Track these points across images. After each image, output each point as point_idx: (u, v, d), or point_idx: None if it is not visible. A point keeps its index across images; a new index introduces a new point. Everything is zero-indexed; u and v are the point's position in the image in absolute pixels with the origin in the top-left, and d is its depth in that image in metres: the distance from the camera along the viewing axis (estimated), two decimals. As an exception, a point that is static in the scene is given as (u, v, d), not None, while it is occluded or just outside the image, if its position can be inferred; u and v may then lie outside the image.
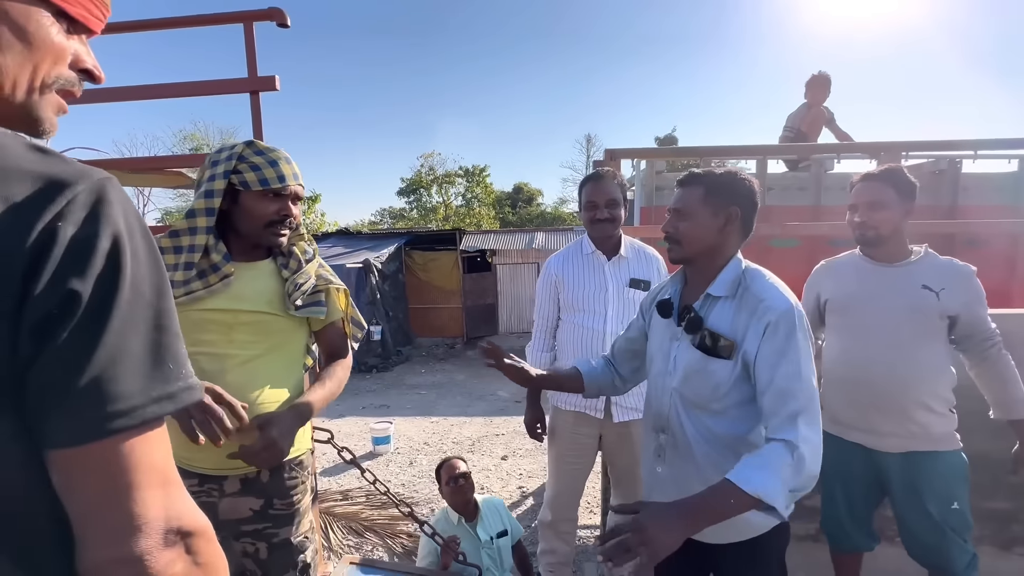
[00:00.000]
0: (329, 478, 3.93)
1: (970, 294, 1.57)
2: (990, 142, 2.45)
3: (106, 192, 0.46)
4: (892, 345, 1.58)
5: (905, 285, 1.59)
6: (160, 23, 2.06)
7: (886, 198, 1.56)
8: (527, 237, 12.72)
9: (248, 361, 1.22)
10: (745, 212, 1.21)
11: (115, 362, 0.44)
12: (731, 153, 2.84)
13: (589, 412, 1.97)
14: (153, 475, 0.47)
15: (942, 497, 1.58)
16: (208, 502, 1.22)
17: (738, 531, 1.21)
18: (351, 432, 5.29)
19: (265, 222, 1.21)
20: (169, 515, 0.47)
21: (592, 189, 1.91)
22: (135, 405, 0.46)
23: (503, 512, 2.26)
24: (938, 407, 1.58)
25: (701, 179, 1.22)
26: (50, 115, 0.53)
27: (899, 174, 1.58)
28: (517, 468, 4.23)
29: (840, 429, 1.71)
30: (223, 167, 1.18)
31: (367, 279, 9.19)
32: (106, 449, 0.44)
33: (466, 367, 9.07)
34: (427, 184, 29.81)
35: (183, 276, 1.15)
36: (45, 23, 0.50)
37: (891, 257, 1.63)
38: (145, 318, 0.47)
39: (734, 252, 1.24)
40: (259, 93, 1.85)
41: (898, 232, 1.61)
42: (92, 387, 0.43)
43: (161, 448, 0.49)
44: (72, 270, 0.42)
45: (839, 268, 1.76)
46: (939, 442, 1.59)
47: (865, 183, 1.61)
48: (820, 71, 4.17)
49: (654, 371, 1.33)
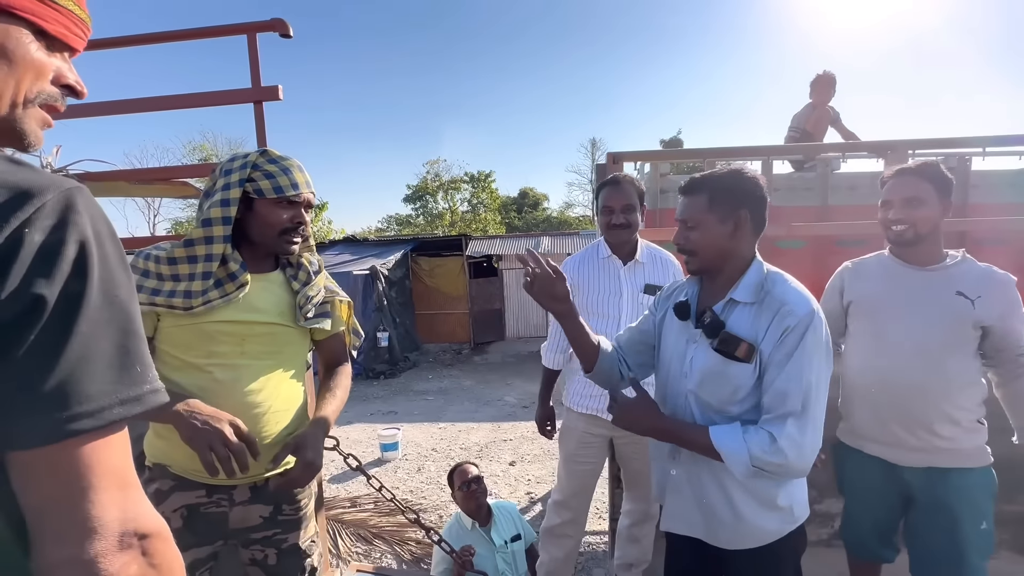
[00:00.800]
0: (337, 485, 3.94)
1: (1006, 305, 1.45)
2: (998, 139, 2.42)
3: (74, 200, 0.47)
4: (919, 354, 1.47)
5: (939, 291, 1.47)
6: (166, 36, 2.10)
7: (924, 194, 1.44)
8: (533, 242, 12.73)
9: (261, 371, 1.23)
10: (755, 212, 1.18)
11: (82, 364, 0.45)
12: (736, 154, 2.83)
13: (601, 415, 1.96)
14: (112, 477, 0.48)
15: (972, 516, 1.47)
16: (218, 512, 1.23)
17: (754, 538, 1.19)
18: (359, 439, 5.30)
19: (279, 230, 1.22)
20: (126, 517, 0.48)
21: (609, 194, 1.91)
22: (101, 406, 0.46)
23: (516, 516, 2.25)
24: (966, 421, 1.47)
25: (703, 185, 1.19)
26: (34, 128, 0.55)
27: (936, 169, 1.47)
28: (525, 474, 4.21)
29: (859, 442, 1.62)
30: (237, 175, 1.18)
31: (374, 286, 9.22)
32: (68, 450, 0.45)
33: (473, 372, 9.07)
34: (433, 190, 29.94)
35: (201, 286, 1.15)
36: (24, 40, 0.52)
37: (925, 260, 1.51)
38: (113, 322, 0.48)
39: (751, 252, 1.22)
40: (263, 103, 1.87)
41: (936, 232, 1.49)
42: (57, 389, 0.44)
43: (122, 451, 0.50)
44: (38, 275, 0.43)
45: (866, 269, 1.64)
46: (968, 458, 1.48)
47: (900, 178, 1.49)
48: (825, 71, 4.14)
49: (669, 373, 1.30)
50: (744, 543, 1.20)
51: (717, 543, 1.23)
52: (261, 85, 1.87)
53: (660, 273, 1.97)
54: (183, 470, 1.20)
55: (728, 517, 1.19)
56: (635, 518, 2.14)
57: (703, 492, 1.22)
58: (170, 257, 1.17)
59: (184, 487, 1.20)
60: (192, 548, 1.21)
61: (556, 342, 2.10)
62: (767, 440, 1.08)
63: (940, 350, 1.46)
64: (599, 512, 3.20)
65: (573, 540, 2.15)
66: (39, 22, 0.53)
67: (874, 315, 1.57)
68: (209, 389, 1.16)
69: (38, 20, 0.53)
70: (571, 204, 33.30)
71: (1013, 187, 3.42)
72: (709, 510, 1.21)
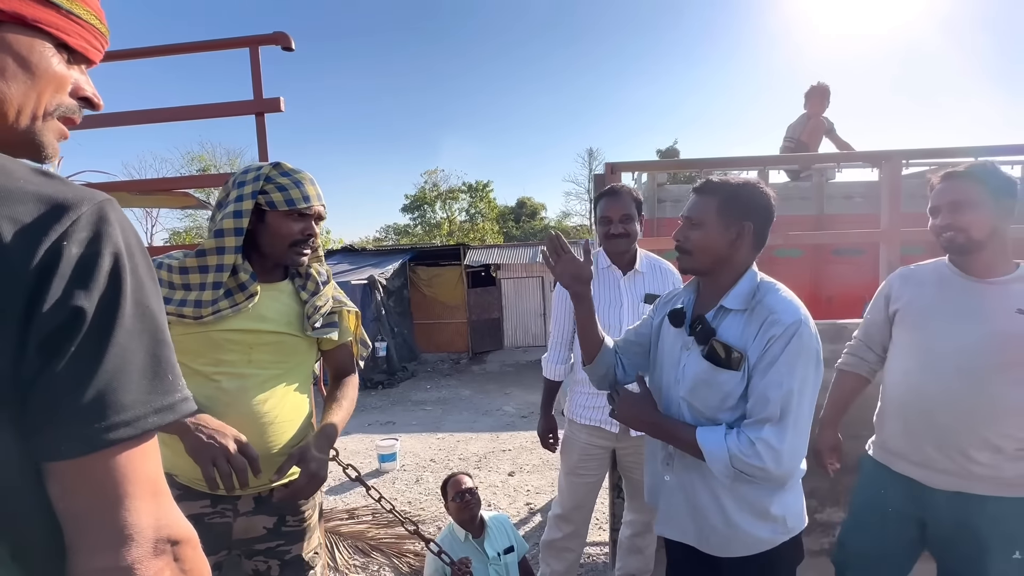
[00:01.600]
0: (335, 496, 3.90)
1: None
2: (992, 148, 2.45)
3: (107, 213, 0.48)
4: (964, 373, 1.33)
5: (996, 306, 1.32)
6: (170, 49, 2.12)
7: (973, 196, 1.31)
8: (531, 251, 12.75)
9: (267, 381, 1.23)
10: (759, 227, 1.19)
11: (118, 375, 0.46)
12: (732, 164, 2.85)
13: (604, 426, 1.96)
14: (146, 485, 0.49)
15: (1006, 546, 1.33)
16: (222, 522, 1.22)
17: (745, 546, 1.19)
18: (357, 449, 5.26)
19: (290, 241, 1.23)
20: (159, 524, 0.49)
21: (607, 204, 1.92)
22: (137, 415, 0.47)
23: (509, 528, 2.23)
24: (1012, 448, 1.32)
25: (717, 189, 1.20)
26: (52, 141, 0.56)
27: (987, 168, 1.35)
28: (524, 484, 4.18)
29: (888, 458, 1.51)
30: (251, 187, 1.20)
31: (372, 295, 9.22)
32: (106, 459, 0.46)
33: (472, 382, 9.04)
34: (431, 200, 30.07)
35: (211, 295, 1.17)
36: (47, 54, 0.53)
37: (986, 270, 1.36)
38: (145, 332, 0.49)
39: (747, 264, 1.22)
40: (264, 115, 1.89)
41: (997, 237, 1.33)
42: (96, 399, 0.45)
43: (154, 458, 0.51)
44: (77, 288, 0.44)
45: (919, 275, 1.50)
46: (1009, 487, 1.33)
47: (947, 183, 1.37)
48: (819, 82, 4.20)
49: (663, 380, 1.32)
50: (736, 551, 1.20)
51: (709, 550, 1.23)
52: (263, 97, 1.89)
53: (660, 283, 1.98)
54: (188, 480, 1.19)
55: (720, 524, 1.19)
56: (637, 528, 2.13)
57: (695, 498, 1.22)
58: (182, 266, 1.18)
59: (189, 497, 1.19)
60: None
61: (557, 353, 2.09)
62: (746, 443, 1.10)
63: (989, 371, 1.31)
64: (600, 523, 3.17)
65: (574, 553, 2.14)
66: (62, 36, 0.53)
67: (920, 326, 1.44)
68: (215, 398, 1.16)
69: (61, 34, 0.53)
70: (568, 213, 33.48)
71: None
72: (701, 517, 1.22)
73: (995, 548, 1.33)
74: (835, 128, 4.22)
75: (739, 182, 1.21)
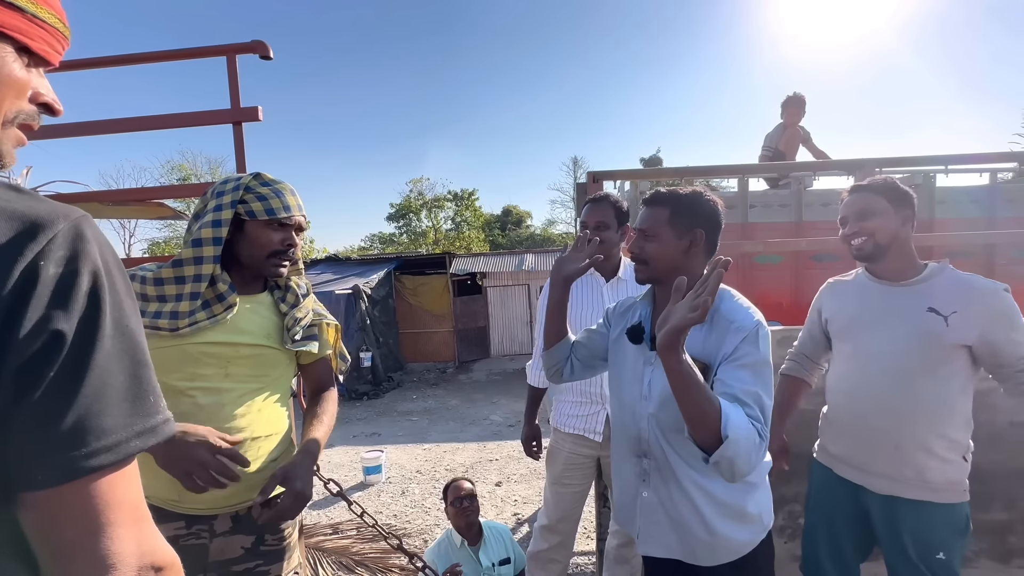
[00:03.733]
0: (318, 511, 3.82)
1: (991, 316, 1.33)
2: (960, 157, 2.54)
3: (83, 230, 0.46)
4: (888, 375, 1.39)
5: (909, 307, 1.39)
6: (146, 57, 2.08)
7: (876, 206, 1.42)
8: (517, 259, 12.78)
9: (245, 395, 1.20)
10: (709, 234, 1.23)
11: (99, 398, 0.44)
12: (713, 173, 2.90)
13: (589, 435, 1.96)
14: (128, 511, 0.47)
15: (925, 546, 1.40)
16: (198, 544, 1.18)
17: (729, 551, 1.20)
18: (341, 462, 5.17)
19: (269, 252, 1.22)
20: (143, 551, 0.47)
21: (586, 211, 1.95)
22: (119, 440, 0.46)
23: (508, 540, 2.21)
24: (942, 451, 1.37)
25: (667, 200, 1.24)
26: (10, 149, 0.54)
27: (888, 183, 1.45)
28: (512, 494, 4.15)
29: (831, 461, 1.58)
30: (230, 197, 1.19)
31: (357, 305, 9.12)
32: (86, 486, 0.44)
33: (458, 392, 8.97)
34: (416, 209, 29.99)
35: (188, 306, 1.14)
36: (8, 59, 0.50)
37: (897, 274, 1.44)
38: (125, 352, 0.47)
39: (701, 272, 1.24)
40: (243, 124, 1.87)
41: (900, 243, 1.42)
42: (76, 425, 0.43)
43: (135, 483, 0.49)
44: (56, 310, 0.43)
45: (843, 288, 1.59)
46: (935, 492, 1.38)
47: (853, 195, 1.48)
48: (795, 92, 4.30)
49: (627, 396, 1.31)
50: (720, 558, 1.20)
51: (695, 561, 1.22)
52: (240, 106, 1.87)
53: (642, 290, 1.99)
54: (162, 501, 1.15)
55: (702, 534, 1.19)
56: (623, 539, 2.12)
57: (675, 512, 1.22)
58: (157, 278, 1.15)
59: (163, 519, 1.15)
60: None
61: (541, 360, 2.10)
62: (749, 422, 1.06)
63: (913, 372, 1.37)
64: (586, 532, 3.16)
65: (561, 564, 2.12)
66: (25, 40, 0.51)
67: (849, 333, 1.52)
68: (190, 414, 1.12)
69: (23, 38, 0.50)
70: (554, 221, 33.63)
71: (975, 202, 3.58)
72: (684, 529, 1.21)
73: (921, 550, 1.40)
74: (811, 137, 4.32)
75: (687, 192, 1.24)
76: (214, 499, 1.16)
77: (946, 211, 3.51)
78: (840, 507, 1.55)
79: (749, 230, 3.78)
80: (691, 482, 1.19)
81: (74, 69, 2.15)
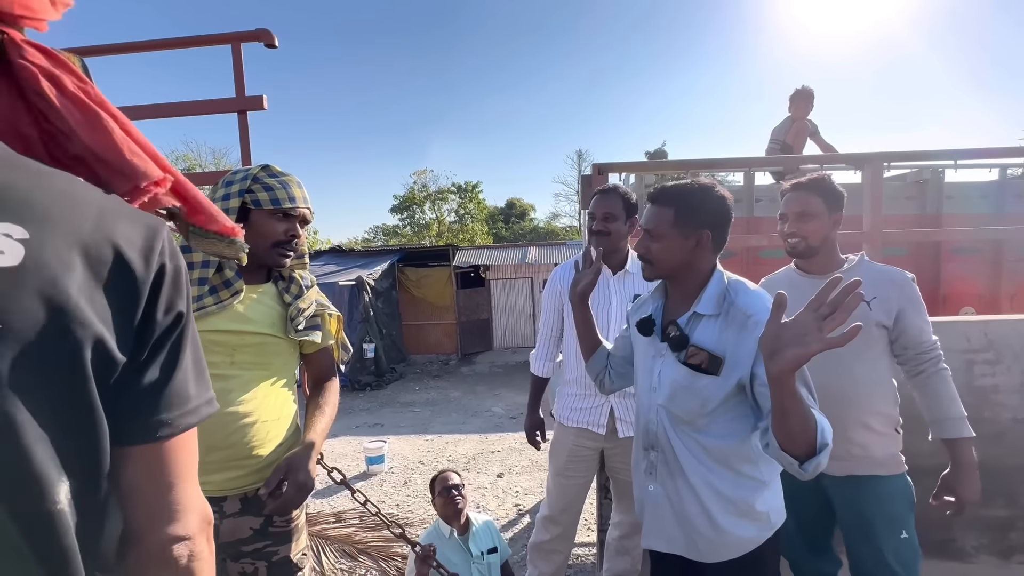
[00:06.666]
0: (321, 500, 3.86)
1: (903, 303, 1.48)
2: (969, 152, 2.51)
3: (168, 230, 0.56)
4: (827, 360, 1.30)
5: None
6: (150, 45, 2.08)
7: (814, 208, 1.53)
8: (520, 252, 12.76)
9: (250, 382, 1.23)
10: (717, 232, 1.21)
11: (187, 370, 0.55)
12: (718, 166, 2.88)
13: (592, 428, 1.97)
14: (193, 469, 0.57)
15: (890, 526, 1.48)
16: None
17: (734, 548, 1.19)
18: (344, 452, 5.21)
19: (273, 241, 1.24)
20: (203, 503, 0.58)
21: (595, 202, 1.95)
22: (197, 406, 0.56)
23: (494, 532, 2.25)
24: (879, 426, 1.50)
25: (672, 200, 1.21)
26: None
27: (826, 183, 1.55)
28: (513, 485, 4.17)
29: None
30: (238, 186, 1.23)
31: (360, 296, 9.15)
32: (176, 443, 0.54)
33: (461, 383, 9.01)
34: (420, 201, 29.94)
35: (196, 291, 1.17)
36: None
37: (822, 268, 1.58)
38: (194, 334, 0.57)
39: (711, 266, 1.24)
40: (247, 113, 1.86)
41: (828, 242, 1.57)
42: (177, 391, 0.54)
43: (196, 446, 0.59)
44: (177, 296, 0.54)
45: (774, 284, 1.71)
46: (881, 465, 1.50)
47: (793, 193, 1.57)
48: (804, 85, 4.26)
49: (640, 388, 1.31)
50: (725, 554, 1.19)
51: (698, 557, 1.22)
52: (245, 95, 1.86)
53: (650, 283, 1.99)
54: None
55: (707, 529, 1.18)
56: (625, 530, 2.13)
57: (681, 506, 1.21)
58: None
59: None
60: None
61: (545, 350, 2.11)
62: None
63: (845, 355, 1.45)
64: (587, 523, 3.18)
65: (562, 555, 2.13)
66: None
67: None
68: None
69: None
70: (558, 214, 33.56)
71: (985, 198, 3.54)
72: (688, 524, 1.21)
73: (887, 528, 1.49)
74: (819, 130, 4.28)
75: (693, 189, 1.20)
76: (224, 481, 1.19)
77: (954, 206, 3.48)
78: (803, 495, 1.58)
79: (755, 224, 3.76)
80: (698, 477, 1.18)
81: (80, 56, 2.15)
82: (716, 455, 1.18)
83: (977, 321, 2.09)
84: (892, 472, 1.50)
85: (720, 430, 1.17)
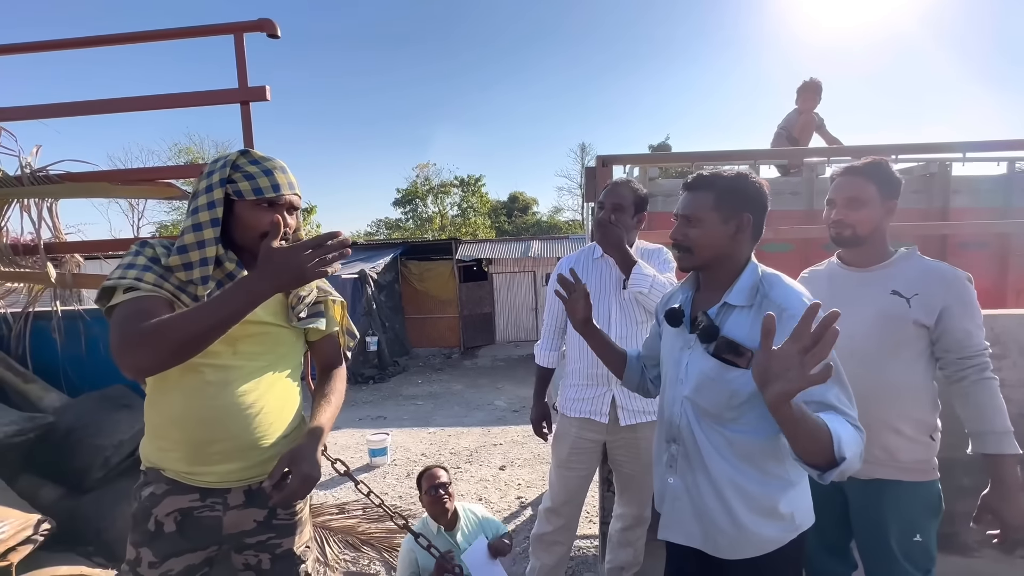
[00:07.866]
0: (325, 491, 3.88)
1: (949, 302, 1.35)
2: (977, 144, 2.48)
3: None
4: (859, 359, 1.37)
5: (875, 290, 1.42)
6: (151, 35, 2.07)
7: (866, 195, 1.41)
8: (523, 246, 12.74)
9: (253, 372, 1.21)
10: (756, 218, 1.17)
11: None
12: (723, 158, 2.85)
13: (594, 417, 1.96)
14: None
15: (903, 528, 1.41)
16: (212, 516, 1.20)
17: (753, 546, 1.15)
18: (347, 444, 5.24)
19: (260, 232, 1.19)
20: None
21: (605, 193, 1.95)
22: None
23: (481, 518, 2.25)
24: (910, 431, 1.40)
25: (711, 184, 1.16)
26: None
27: (883, 168, 1.43)
28: (515, 478, 4.19)
29: None
30: (218, 175, 1.17)
31: (363, 290, 9.16)
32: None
33: (463, 377, 9.03)
34: (423, 194, 29.88)
35: (203, 291, 1.15)
36: None
37: (866, 261, 1.48)
38: None
39: (747, 256, 1.20)
40: (250, 104, 1.85)
41: (878, 233, 1.45)
42: None
43: None
44: None
45: (815, 277, 1.61)
46: (906, 471, 1.41)
47: (845, 177, 1.46)
48: (811, 78, 4.21)
49: (666, 380, 1.28)
50: (743, 552, 1.15)
51: (717, 552, 1.18)
52: (248, 86, 1.85)
53: (653, 266, 1.98)
54: (176, 474, 1.18)
55: (727, 525, 1.15)
56: (627, 522, 2.14)
57: (701, 500, 1.18)
58: (166, 267, 1.15)
59: (178, 491, 1.17)
60: (186, 553, 1.18)
61: (549, 341, 2.12)
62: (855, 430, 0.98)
63: (878, 354, 1.39)
64: (590, 516, 3.19)
65: (564, 547, 2.14)
66: None
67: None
68: (198, 389, 1.14)
69: None
70: (560, 208, 33.47)
71: (993, 192, 3.50)
72: (707, 519, 1.18)
73: (897, 531, 1.41)
74: (825, 124, 4.24)
75: (732, 174, 1.17)
76: (227, 473, 1.18)
77: (962, 200, 3.44)
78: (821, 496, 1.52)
79: (759, 218, 3.73)
80: (721, 473, 1.14)
81: (81, 47, 2.14)
82: (741, 451, 1.14)
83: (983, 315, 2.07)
84: (917, 479, 1.41)
85: (747, 425, 1.13)
